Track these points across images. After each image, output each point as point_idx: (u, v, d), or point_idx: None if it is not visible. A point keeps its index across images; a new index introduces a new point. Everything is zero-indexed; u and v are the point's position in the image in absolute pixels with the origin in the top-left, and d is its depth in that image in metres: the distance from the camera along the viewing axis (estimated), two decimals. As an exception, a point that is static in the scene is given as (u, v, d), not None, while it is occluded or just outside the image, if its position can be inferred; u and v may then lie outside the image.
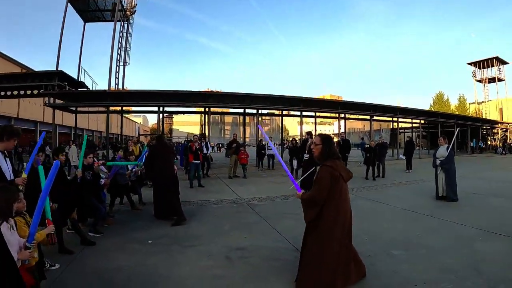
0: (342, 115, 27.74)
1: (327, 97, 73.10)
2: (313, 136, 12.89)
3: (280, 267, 4.75)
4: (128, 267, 4.74)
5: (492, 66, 57.53)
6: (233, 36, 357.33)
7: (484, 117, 52.47)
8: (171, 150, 8.87)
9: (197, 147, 12.82)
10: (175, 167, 8.29)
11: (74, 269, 4.70)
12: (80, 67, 24.46)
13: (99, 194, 6.86)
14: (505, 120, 52.53)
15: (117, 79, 28.51)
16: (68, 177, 6.67)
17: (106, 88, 23.46)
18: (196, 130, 54.20)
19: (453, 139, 9.70)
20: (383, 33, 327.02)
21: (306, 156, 11.75)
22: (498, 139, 48.94)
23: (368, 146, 16.39)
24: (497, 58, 56.63)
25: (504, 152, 36.94)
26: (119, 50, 28.58)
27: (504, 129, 50.13)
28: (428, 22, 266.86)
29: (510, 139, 48.02)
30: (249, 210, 8.67)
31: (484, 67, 58.73)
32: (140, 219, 7.58)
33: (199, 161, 12.90)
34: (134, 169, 8.72)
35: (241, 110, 26.04)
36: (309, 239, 4.13)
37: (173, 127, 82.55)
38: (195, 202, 9.46)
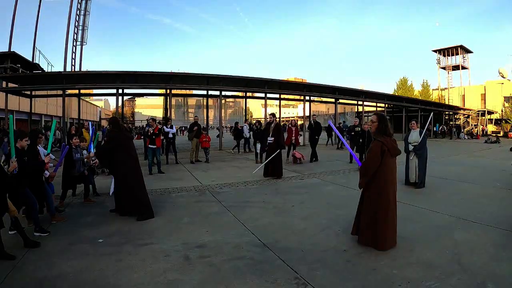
0: (307, 98, 27.46)
1: (292, 80, 72.90)
2: (276, 118, 12.47)
3: (245, 268, 4.30)
4: (73, 273, 4.13)
5: (457, 54, 59.27)
6: (198, 17, 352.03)
7: (447, 103, 53.69)
8: (131, 136, 8.05)
9: (153, 131, 12.12)
10: None
11: (12, 280, 4.01)
12: (35, 48, 23.07)
13: (39, 185, 6.06)
14: (466, 107, 53.89)
15: (73, 60, 27.11)
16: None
17: (62, 70, 22.33)
18: (159, 113, 53.07)
19: (427, 124, 9.49)
20: (349, 20, 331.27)
21: (271, 139, 11.34)
22: (460, 124, 50.49)
23: (360, 130, 13.96)
24: (462, 47, 58.37)
25: (454, 136, 38.35)
26: (76, 29, 27.17)
27: (466, 115, 51.63)
28: (394, 10, 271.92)
29: (471, 125, 49.77)
30: (211, 199, 8.19)
31: (448, 55, 60.39)
32: (92, 213, 6.88)
33: (155, 146, 12.23)
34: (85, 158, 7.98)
35: (204, 92, 25.37)
36: (366, 197, 5.02)
37: (136, 110, 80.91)
38: (153, 191, 8.81)
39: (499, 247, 4.95)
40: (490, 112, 52.52)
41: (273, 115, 12.11)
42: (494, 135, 38.85)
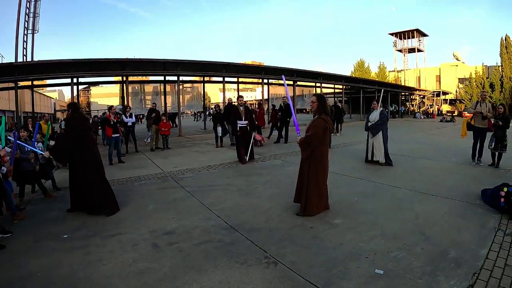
0: (265, 81, 27.50)
1: (250, 63, 72.80)
2: (243, 100, 12.35)
3: (215, 251, 4.39)
4: (42, 272, 4.01)
5: (413, 37, 61.06)
6: (154, 1, 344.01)
7: (403, 84, 55.20)
8: (91, 125, 7.68)
9: (114, 120, 11.84)
10: None
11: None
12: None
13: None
14: (422, 88, 55.54)
15: (25, 50, 26.07)
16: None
17: (14, 60, 21.33)
18: (116, 102, 51.77)
19: (379, 101, 9.72)
20: (308, 3, 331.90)
21: (244, 122, 11.08)
22: (416, 104, 52.39)
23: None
24: (418, 30, 60.18)
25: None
26: (26, 17, 26.05)
27: (422, 96, 53.45)
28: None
29: (427, 105, 51.78)
30: (175, 185, 8.18)
31: (405, 38, 62.12)
32: (54, 209, 6.59)
33: (118, 135, 11.94)
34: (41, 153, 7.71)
35: (161, 78, 24.94)
36: (305, 167, 5.57)
37: (92, 100, 78.49)
38: (115, 181, 8.60)
39: (458, 217, 5.35)
40: (445, 93, 54.79)
41: (241, 97, 11.93)
42: (449, 114, 40.40)
